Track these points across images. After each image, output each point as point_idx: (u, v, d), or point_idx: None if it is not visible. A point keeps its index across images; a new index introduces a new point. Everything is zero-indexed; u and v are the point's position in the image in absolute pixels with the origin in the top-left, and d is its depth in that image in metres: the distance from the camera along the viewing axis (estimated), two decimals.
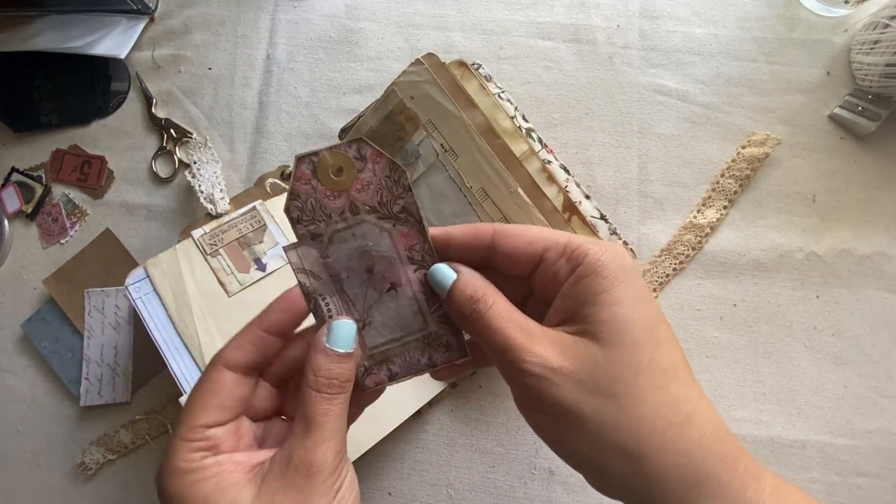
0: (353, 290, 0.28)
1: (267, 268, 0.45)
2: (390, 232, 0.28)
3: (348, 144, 0.27)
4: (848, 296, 0.48)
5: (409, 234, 0.28)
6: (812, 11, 0.53)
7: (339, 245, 0.28)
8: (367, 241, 0.28)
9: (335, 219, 0.28)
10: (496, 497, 0.45)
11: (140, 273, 0.44)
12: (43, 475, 0.48)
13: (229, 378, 0.27)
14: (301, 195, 0.28)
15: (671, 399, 0.23)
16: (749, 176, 0.50)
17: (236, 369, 0.27)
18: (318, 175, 0.28)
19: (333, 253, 0.28)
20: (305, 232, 0.28)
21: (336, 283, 0.28)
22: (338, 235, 0.28)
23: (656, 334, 0.24)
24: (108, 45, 0.54)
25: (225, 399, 0.26)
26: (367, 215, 0.28)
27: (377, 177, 0.27)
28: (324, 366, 0.26)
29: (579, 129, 0.52)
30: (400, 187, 0.28)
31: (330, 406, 0.26)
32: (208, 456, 0.25)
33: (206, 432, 0.26)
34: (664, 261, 0.49)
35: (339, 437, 0.26)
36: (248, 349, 0.27)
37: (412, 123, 0.44)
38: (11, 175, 0.54)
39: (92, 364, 0.49)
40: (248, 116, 0.54)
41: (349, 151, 0.27)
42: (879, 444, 0.45)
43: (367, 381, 0.29)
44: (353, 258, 0.28)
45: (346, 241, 0.28)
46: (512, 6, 0.55)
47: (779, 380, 0.47)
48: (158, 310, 0.43)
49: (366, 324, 0.28)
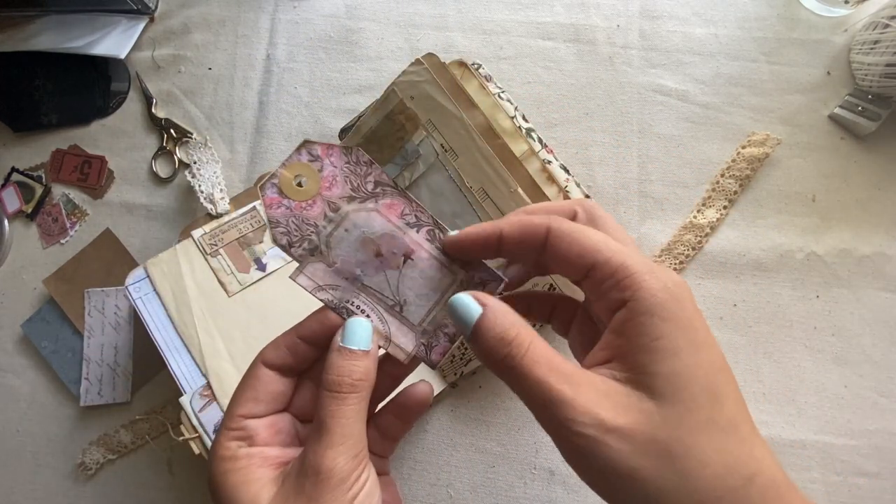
0: (373, 280, 0.28)
1: (267, 268, 0.45)
2: (376, 209, 0.28)
3: (297, 151, 0.27)
4: (848, 296, 0.48)
5: (393, 204, 0.28)
6: (812, 11, 0.53)
7: (338, 246, 0.28)
8: (361, 229, 0.28)
9: (321, 225, 0.28)
10: (496, 497, 0.45)
11: (140, 273, 0.44)
12: (43, 475, 0.48)
13: (266, 374, 0.27)
14: (280, 220, 0.28)
15: (733, 461, 0.21)
16: (749, 176, 0.50)
17: (273, 368, 0.28)
18: (285, 193, 0.27)
19: (337, 256, 0.28)
20: (302, 252, 0.28)
21: (355, 283, 0.28)
22: (332, 238, 0.28)
23: (716, 388, 0.22)
24: (108, 45, 0.54)
25: (260, 393, 0.27)
26: (348, 206, 0.28)
27: (337, 168, 0.28)
28: (336, 364, 0.25)
29: (579, 129, 0.52)
30: (362, 165, 0.28)
31: (341, 407, 0.25)
32: (243, 446, 0.26)
33: (243, 422, 0.26)
34: (664, 261, 0.49)
35: (353, 441, 0.24)
36: (285, 352, 0.28)
37: (412, 123, 0.44)
38: (11, 175, 0.54)
39: (92, 364, 0.49)
40: (248, 116, 0.54)
41: (301, 158, 0.27)
42: (879, 444, 0.45)
43: (433, 355, 0.28)
44: (357, 251, 0.28)
45: (342, 239, 0.28)
46: (512, 6, 0.55)
47: (779, 380, 0.47)
48: (158, 310, 0.43)
49: (402, 305, 0.28)
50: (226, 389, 0.42)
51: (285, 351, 0.27)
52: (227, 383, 0.42)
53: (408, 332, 0.28)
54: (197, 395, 0.42)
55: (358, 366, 0.25)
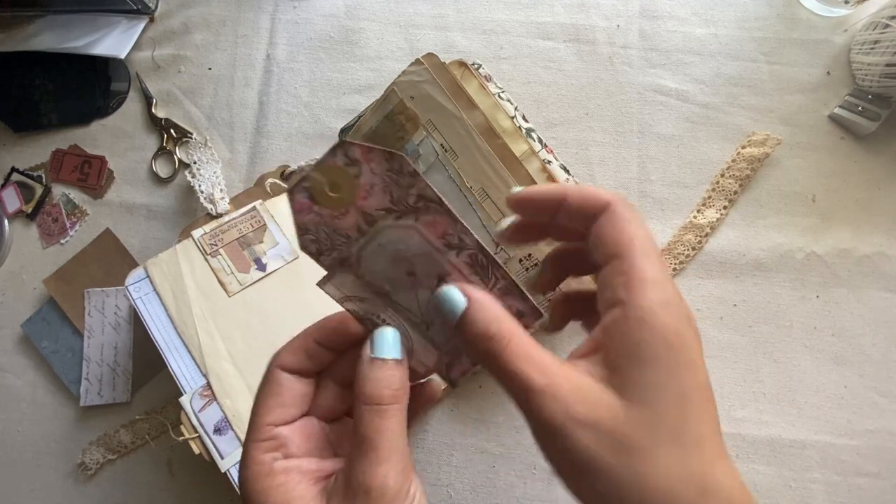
0: (402, 296, 0.26)
1: (267, 268, 0.45)
2: (415, 227, 0.24)
3: (332, 153, 0.23)
4: (848, 296, 0.48)
5: (436, 222, 0.24)
6: (812, 11, 0.53)
7: (371, 260, 0.25)
8: (397, 246, 0.25)
9: (354, 237, 0.25)
10: (496, 497, 0.45)
11: (140, 273, 0.44)
12: (43, 475, 0.48)
13: (287, 378, 0.26)
14: (310, 227, 0.25)
15: (689, 474, 0.22)
16: (749, 176, 0.50)
17: (292, 373, 0.27)
18: (316, 199, 0.24)
19: (367, 271, 0.26)
20: (331, 262, 0.26)
21: (383, 297, 0.26)
22: (365, 251, 0.25)
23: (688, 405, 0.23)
24: (108, 45, 0.54)
25: (285, 398, 0.26)
26: (385, 220, 0.24)
27: (378, 175, 0.24)
28: (371, 376, 0.25)
29: (579, 129, 0.52)
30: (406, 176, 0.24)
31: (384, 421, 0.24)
32: (279, 458, 0.25)
33: (273, 431, 0.25)
34: (664, 261, 0.49)
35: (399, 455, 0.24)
36: (301, 356, 0.27)
37: (412, 123, 0.44)
38: (11, 175, 0.54)
39: (92, 364, 0.49)
40: (248, 116, 0.54)
41: (337, 160, 0.23)
42: (879, 444, 0.45)
43: (453, 374, 0.27)
44: (389, 267, 0.25)
45: (375, 253, 0.25)
46: (512, 6, 0.55)
47: (779, 380, 0.47)
48: (158, 310, 0.43)
49: (428, 324, 0.26)
50: (226, 389, 0.42)
51: (302, 354, 0.27)
52: (226, 383, 0.42)
53: (431, 349, 0.27)
54: (197, 395, 0.42)
55: (394, 376, 0.25)
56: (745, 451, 0.46)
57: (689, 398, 0.23)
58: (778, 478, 0.45)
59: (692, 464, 0.22)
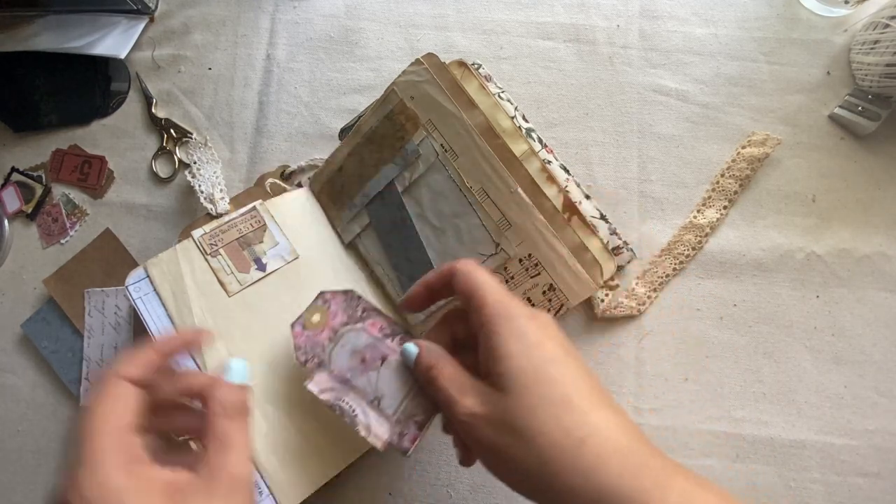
0: (359, 381, 0.37)
1: (267, 268, 0.45)
2: (363, 329, 0.39)
3: (315, 300, 0.40)
4: (848, 296, 0.48)
5: (375, 322, 0.39)
6: (812, 11, 0.53)
7: (336, 358, 0.38)
8: (352, 343, 0.38)
9: (327, 345, 0.39)
10: (496, 497, 0.45)
11: (140, 273, 0.44)
12: (43, 475, 0.48)
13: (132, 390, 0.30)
14: (301, 345, 0.39)
15: (563, 428, 0.27)
16: (749, 176, 0.50)
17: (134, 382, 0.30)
18: (306, 327, 0.39)
19: (336, 366, 0.38)
20: (313, 365, 0.38)
21: (346, 384, 0.37)
22: (332, 353, 0.38)
23: (546, 376, 0.29)
24: (108, 45, 0.54)
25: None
26: (343, 328, 0.39)
27: (339, 306, 0.40)
28: (228, 397, 0.31)
29: (579, 129, 0.52)
30: (355, 300, 0.40)
31: (240, 424, 0.31)
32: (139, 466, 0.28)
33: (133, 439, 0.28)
34: (664, 261, 0.49)
35: (249, 451, 0.30)
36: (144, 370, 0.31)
37: (412, 123, 0.44)
38: (11, 175, 0.54)
39: (92, 364, 0.49)
40: (248, 116, 0.54)
41: (317, 303, 0.40)
42: (879, 444, 0.45)
43: (405, 442, 0.35)
44: (348, 360, 0.38)
45: (338, 353, 0.38)
46: (512, 6, 0.55)
47: (779, 380, 0.47)
48: (158, 310, 0.43)
49: (379, 399, 0.36)
50: None
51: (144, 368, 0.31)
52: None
53: (384, 422, 0.36)
54: None
55: (244, 395, 0.32)
56: (745, 451, 0.46)
57: (546, 371, 0.29)
58: (777, 478, 0.45)
59: (565, 420, 0.28)
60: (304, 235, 0.47)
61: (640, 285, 0.49)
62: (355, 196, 0.46)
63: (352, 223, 0.47)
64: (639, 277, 0.49)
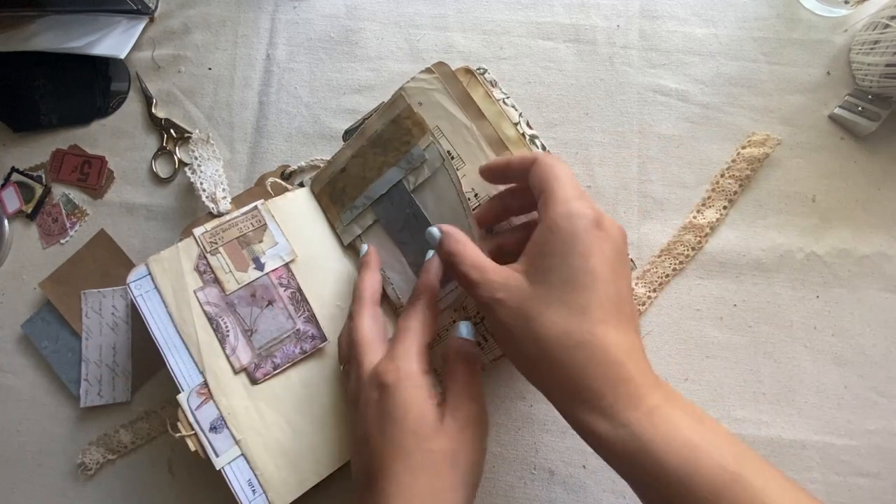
0: (242, 310, 0.42)
1: (265, 267, 0.45)
2: (267, 273, 0.44)
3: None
4: (848, 296, 0.48)
5: (276, 270, 0.44)
6: (812, 11, 0.53)
7: (237, 291, 0.43)
8: (255, 285, 0.43)
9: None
10: (496, 497, 0.45)
11: (142, 270, 0.44)
12: (43, 475, 0.48)
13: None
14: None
15: (567, 330, 0.30)
16: (749, 176, 0.50)
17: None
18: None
19: (230, 292, 0.43)
20: (209, 279, 0.43)
21: (231, 307, 0.43)
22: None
23: (575, 283, 0.31)
24: (108, 45, 0.54)
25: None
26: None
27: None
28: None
29: (579, 129, 0.52)
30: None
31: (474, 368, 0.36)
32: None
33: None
34: (664, 261, 0.49)
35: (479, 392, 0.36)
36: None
37: (419, 128, 0.44)
38: (11, 175, 0.54)
39: (91, 365, 0.49)
40: (248, 116, 0.54)
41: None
42: (879, 444, 0.45)
43: (258, 373, 0.42)
44: (243, 292, 0.43)
45: (243, 290, 0.44)
46: (512, 6, 0.55)
47: (779, 380, 0.47)
48: (159, 307, 0.43)
49: (252, 332, 0.42)
50: (222, 387, 0.42)
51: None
52: (223, 381, 0.42)
53: (249, 351, 0.42)
54: (194, 392, 0.42)
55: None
56: None
57: (575, 278, 0.31)
58: None
59: (573, 323, 0.30)
60: (303, 236, 0.47)
61: (640, 285, 0.48)
62: (357, 198, 0.46)
63: (352, 225, 0.47)
64: (638, 278, 0.49)
